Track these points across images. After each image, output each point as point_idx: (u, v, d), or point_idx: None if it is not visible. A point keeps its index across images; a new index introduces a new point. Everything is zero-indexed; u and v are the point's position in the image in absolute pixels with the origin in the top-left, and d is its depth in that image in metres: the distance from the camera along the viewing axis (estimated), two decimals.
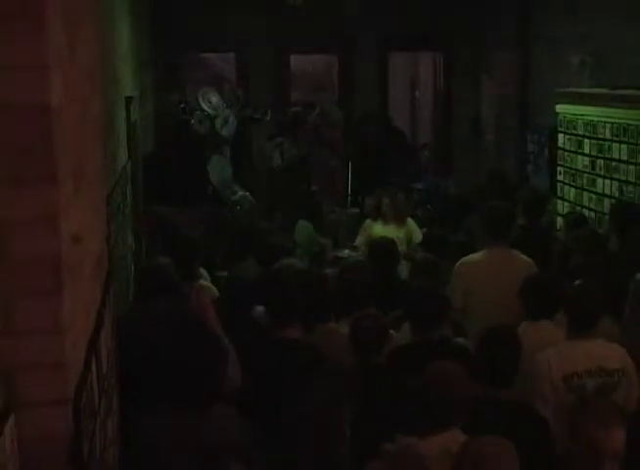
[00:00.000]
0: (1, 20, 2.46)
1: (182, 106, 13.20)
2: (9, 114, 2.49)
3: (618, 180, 9.57)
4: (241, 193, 12.15)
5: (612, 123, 9.72)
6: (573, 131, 10.73)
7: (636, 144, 9.19)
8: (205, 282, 6.89)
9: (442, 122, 17.02)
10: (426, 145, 16.82)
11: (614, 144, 9.68)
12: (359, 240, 10.04)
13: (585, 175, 10.42)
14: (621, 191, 9.49)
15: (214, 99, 13.12)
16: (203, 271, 7.10)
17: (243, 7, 13.87)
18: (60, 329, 2.61)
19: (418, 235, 9.90)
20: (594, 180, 10.17)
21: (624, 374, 5.02)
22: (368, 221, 10.52)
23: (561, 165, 11.16)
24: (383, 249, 7.42)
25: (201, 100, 13.03)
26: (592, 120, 10.19)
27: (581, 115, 10.50)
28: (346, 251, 9.94)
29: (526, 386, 5.07)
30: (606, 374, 5.02)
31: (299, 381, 4.21)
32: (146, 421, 4.18)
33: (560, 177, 11.18)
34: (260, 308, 6.20)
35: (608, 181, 9.83)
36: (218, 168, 12.90)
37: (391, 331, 5.69)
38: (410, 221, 10.36)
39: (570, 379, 5.07)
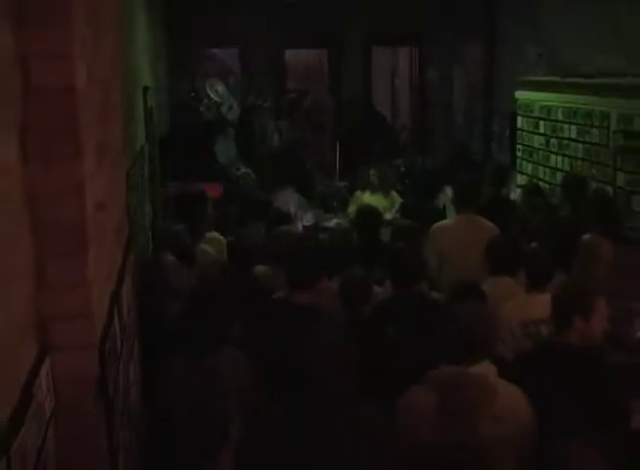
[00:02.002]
0: (33, 14, 2.43)
1: (192, 94, 13.15)
2: (39, 97, 2.47)
3: (569, 156, 9.58)
4: (244, 170, 12.12)
5: (563, 107, 9.72)
6: (531, 114, 10.73)
7: (584, 125, 9.18)
8: (215, 233, 6.88)
9: (418, 107, 17.01)
10: (405, 127, 16.77)
11: (565, 125, 9.69)
12: (351, 208, 10.01)
13: (541, 152, 10.42)
14: (571, 166, 9.50)
15: (220, 88, 13.08)
16: (216, 234, 7.05)
17: (244, 8, 13.80)
18: (85, 284, 2.61)
19: (399, 204, 9.90)
20: (548, 156, 10.18)
21: None
22: (358, 192, 10.51)
23: (520, 144, 11.16)
24: (367, 216, 7.40)
25: (208, 89, 12.98)
26: (546, 105, 10.19)
27: (537, 100, 10.49)
28: (335, 219, 9.93)
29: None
30: None
31: (303, 331, 4.20)
32: (163, 365, 4.18)
33: (519, 154, 11.18)
34: (261, 268, 6.20)
35: (560, 157, 9.84)
36: (224, 149, 12.87)
37: (376, 287, 5.69)
38: (394, 192, 10.36)
39: (526, 326, 5.08)
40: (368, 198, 10.00)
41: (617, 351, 4.68)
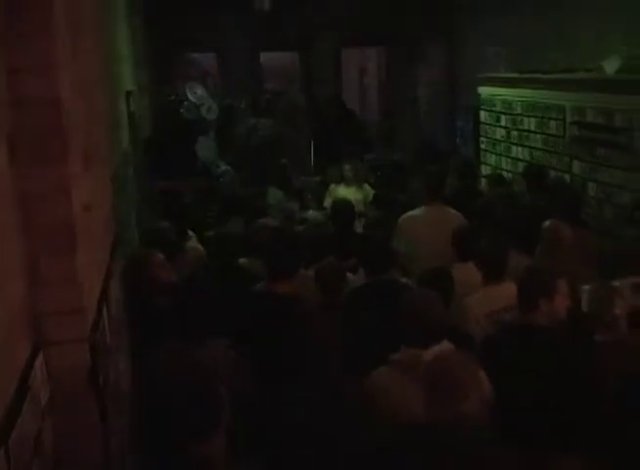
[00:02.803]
0: (18, 29, 2.44)
1: (173, 97, 13.11)
2: (26, 106, 2.48)
3: (529, 147, 9.64)
4: (224, 167, 12.11)
5: (522, 101, 9.77)
6: (492, 108, 10.78)
7: (542, 117, 9.24)
8: (194, 243, 6.86)
9: (386, 104, 17.03)
10: (374, 123, 16.78)
11: (525, 118, 9.75)
12: (327, 201, 9.99)
13: (502, 144, 10.48)
14: (531, 156, 9.56)
15: (199, 91, 13.03)
16: (190, 233, 7.06)
17: (221, 15, 13.77)
18: (75, 281, 2.62)
19: (372, 196, 9.91)
20: (509, 147, 10.23)
21: None
22: (332, 186, 10.50)
23: (483, 136, 11.21)
24: (342, 209, 7.41)
25: (188, 92, 12.93)
26: (507, 99, 10.24)
27: (498, 95, 10.54)
28: (311, 211, 9.93)
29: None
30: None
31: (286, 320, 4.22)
32: (151, 354, 4.19)
33: (482, 146, 11.23)
34: (243, 261, 6.20)
35: (520, 148, 9.90)
36: (205, 148, 12.84)
37: (349, 275, 5.71)
38: (366, 185, 10.36)
39: (490, 316, 5.11)
40: (342, 191, 9.99)
41: (597, 328, 4.70)
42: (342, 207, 7.47)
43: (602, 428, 3.82)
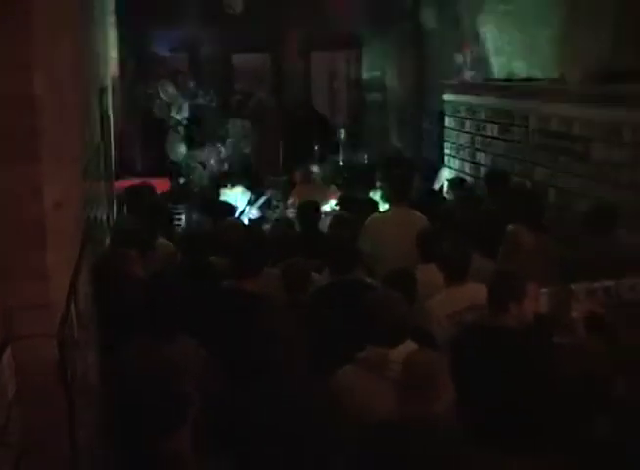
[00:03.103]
0: None
1: (145, 95, 13.07)
2: (2, 103, 2.46)
3: (492, 153, 9.69)
4: (192, 165, 12.09)
5: (486, 108, 9.83)
6: (457, 114, 10.83)
7: (505, 124, 9.30)
8: (164, 239, 6.81)
9: (355, 107, 17.06)
10: (343, 126, 16.82)
11: (488, 124, 9.80)
12: (290, 201, 9.98)
13: (466, 149, 10.53)
14: (494, 161, 9.62)
15: (171, 90, 13.02)
16: (165, 241, 7.01)
17: (194, 16, 13.72)
18: (44, 277, 2.60)
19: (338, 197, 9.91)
20: (473, 153, 10.29)
21: None
22: (297, 186, 10.49)
23: (447, 141, 11.27)
24: (307, 210, 7.42)
25: (160, 91, 12.91)
26: (471, 106, 10.29)
27: (463, 101, 10.60)
28: (278, 210, 9.93)
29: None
30: (480, 308, 5.09)
31: (251, 316, 4.21)
32: (121, 350, 4.17)
33: (447, 151, 11.28)
34: (212, 258, 6.19)
35: (483, 154, 9.95)
36: (175, 145, 12.82)
37: (315, 274, 5.72)
38: (333, 186, 10.37)
39: (452, 317, 5.14)
40: (308, 191, 9.99)
41: (556, 330, 4.76)
42: (308, 207, 7.48)
43: (562, 428, 3.86)
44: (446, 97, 11.19)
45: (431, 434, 3.27)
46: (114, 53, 11.50)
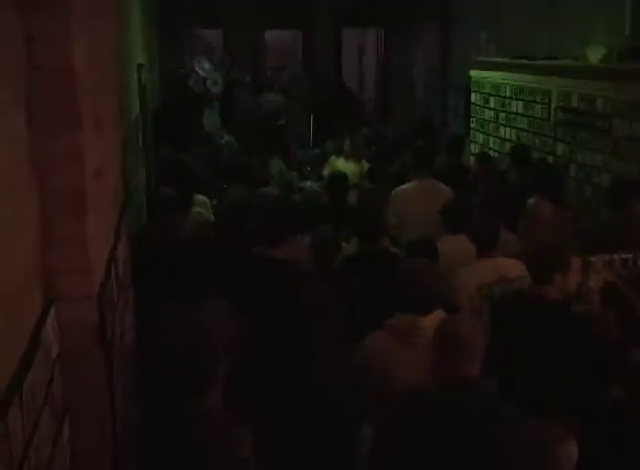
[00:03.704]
0: (41, 2, 2.42)
1: (181, 70, 13.06)
2: (43, 74, 2.46)
3: (516, 128, 9.61)
4: (227, 137, 12.08)
5: (510, 85, 9.73)
6: (482, 90, 10.73)
7: (529, 101, 9.21)
8: (198, 208, 6.81)
9: (382, 83, 16.97)
10: (370, 99, 16.77)
11: (512, 100, 9.71)
12: (326, 172, 9.96)
13: (491, 124, 10.44)
14: (518, 136, 9.54)
15: (206, 65, 12.98)
16: (203, 198, 7.01)
17: None
18: (86, 242, 2.61)
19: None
20: (498, 128, 10.20)
21: (522, 279, 5.03)
22: (332, 158, 10.45)
23: (473, 117, 11.17)
24: (336, 181, 7.40)
25: (196, 66, 12.89)
26: (496, 82, 10.19)
27: (488, 78, 10.49)
28: (309, 182, 9.90)
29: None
30: (508, 282, 5.06)
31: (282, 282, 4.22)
32: (155, 313, 4.20)
33: (472, 125, 11.19)
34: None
35: (508, 129, 9.87)
36: (210, 119, 12.82)
37: (343, 243, 5.71)
38: (363, 159, 10.34)
39: (481, 288, 5.11)
40: (342, 163, 9.96)
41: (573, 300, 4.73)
42: (337, 179, 7.47)
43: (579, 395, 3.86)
44: (472, 73, 11.08)
45: (473, 396, 3.28)
46: (152, 30, 11.49)
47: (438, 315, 3.87)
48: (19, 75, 2.34)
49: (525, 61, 9.37)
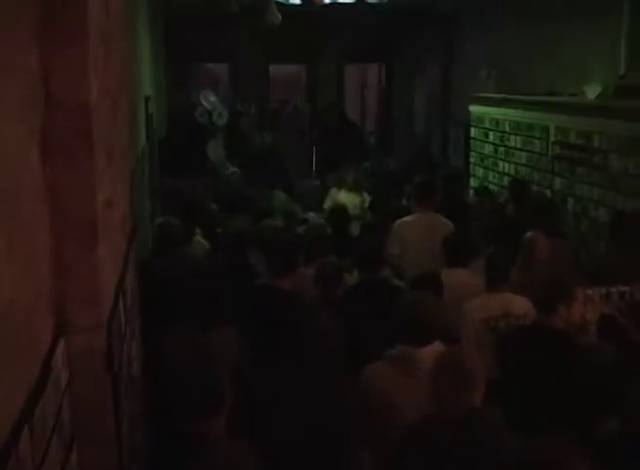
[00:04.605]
0: (55, 36, 2.44)
1: (188, 103, 13.15)
2: (57, 108, 2.48)
3: (514, 163, 9.65)
4: (231, 169, 12.12)
5: (509, 120, 9.78)
6: (482, 125, 10.79)
7: (527, 136, 9.26)
8: (199, 238, 6.84)
9: (384, 116, 17.05)
10: (372, 132, 16.83)
11: (511, 136, 9.75)
12: (327, 204, 9.98)
13: (490, 158, 10.49)
14: (516, 171, 9.57)
15: (212, 98, 13.07)
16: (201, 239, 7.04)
17: (234, 28, 13.72)
18: (96, 272, 2.61)
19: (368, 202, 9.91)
20: (497, 162, 10.25)
21: (527, 316, 5.05)
22: (333, 190, 10.48)
23: (472, 151, 11.22)
24: (338, 213, 7.44)
25: (202, 98, 12.97)
26: (495, 118, 10.25)
27: (487, 113, 10.55)
28: (311, 213, 9.92)
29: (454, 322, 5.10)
30: (514, 318, 5.08)
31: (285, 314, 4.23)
32: (162, 341, 4.19)
33: (472, 160, 11.24)
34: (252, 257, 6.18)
35: (507, 163, 9.91)
36: (215, 150, 12.87)
37: (345, 274, 5.71)
38: (364, 191, 10.37)
39: (486, 321, 5.11)
40: (342, 195, 9.99)
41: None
42: (339, 211, 7.50)
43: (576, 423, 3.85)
44: (472, 108, 11.15)
45: (477, 424, 3.28)
46: (159, 63, 11.57)
47: (436, 347, 3.89)
48: (34, 109, 2.36)
49: (523, 97, 9.44)
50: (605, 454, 3.61)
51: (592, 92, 7.87)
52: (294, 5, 11.05)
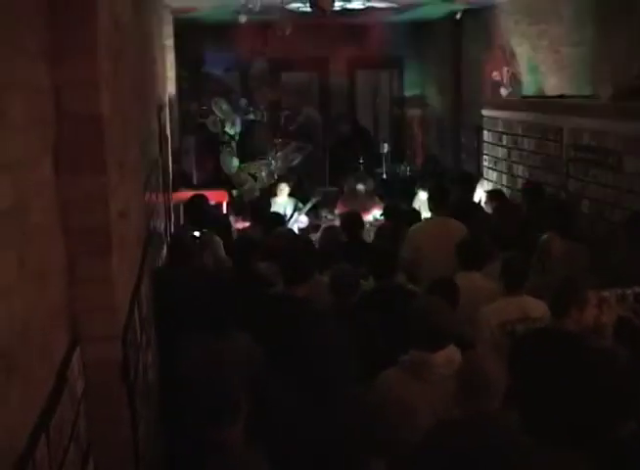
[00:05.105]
0: (65, 51, 2.48)
1: (200, 112, 13.19)
2: (70, 121, 2.52)
3: (528, 166, 9.62)
4: (244, 177, 12.16)
5: (522, 123, 9.76)
6: (495, 129, 10.76)
7: (540, 138, 9.23)
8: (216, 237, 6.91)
9: (397, 122, 17.05)
10: (385, 138, 16.84)
11: (524, 138, 9.73)
12: (338, 211, 9.99)
13: (504, 162, 10.46)
14: (530, 174, 9.55)
15: (224, 106, 13.10)
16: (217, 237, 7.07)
17: (245, 38, 13.77)
18: (110, 282, 2.64)
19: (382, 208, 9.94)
20: (510, 166, 10.21)
21: (543, 320, 5.03)
22: (345, 198, 10.50)
23: (486, 154, 11.20)
24: (352, 220, 7.44)
25: (214, 107, 13.01)
26: (508, 121, 10.23)
27: (500, 116, 10.53)
28: (325, 220, 9.95)
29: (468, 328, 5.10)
30: (531, 321, 5.06)
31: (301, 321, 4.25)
32: (178, 349, 4.22)
33: (485, 163, 11.21)
34: (262, 265, 6.21)
35: (520, 166, 9.88)
36: (228, 159, 12.91)
37: (362, 280, 5.71)
38: (377, 197, 10.38)
39: (503, 326, 5.10)
40: (354, 203, 9.99)
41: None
42: (351, 218, 7.51)
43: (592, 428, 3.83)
44: (484, 112, 11.13)
45: (493, 428, 3.30)
46: (171, 73, 11.63)
47: (450, 351, 3.90)
48: (47, 123, 2.40)
49: (536, 99, 9.42)
50: (620, 459, 3.60)
51: (605, 93, 7.84)
52: (304, 12, 11.06)
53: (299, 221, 9.79)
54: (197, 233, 6.71)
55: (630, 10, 7.89)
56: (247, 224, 8.59)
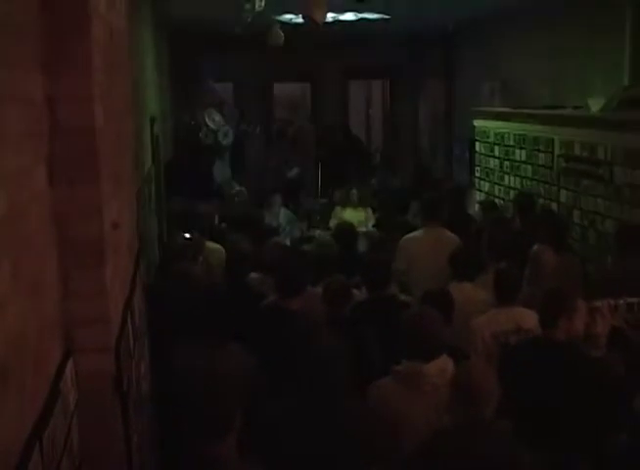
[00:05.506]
0: (58, 63, 2.48)
1: (192, 123, 13.19)
2: (63, 133, 2.52)
3: (520, 176, 9.65)
4: (237, 188, 12.16)
5: (514, 134, 9.80)
6: (486, 139, 10.80)
7: (532, 149, 9.26)
8: (215, 244, 6.89)
9: (389, 132, 17.10)
10: (377, 150, 16.87)
11: (516, 149, 9.76)
12: (332, 222, 10.03)
13: (496, 173, 10.49)
14: (522, 184, 9.58)
15: (217, 118, 13.11)
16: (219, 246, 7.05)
17: (237, 48, 13.79)
18: (103, 293, 2.64)
19: (375, 219, 9.95)
20: (502, 176, 10.24)
21: (535, 331, 5.04)
22: (338, 208, 10.54)
23: (478, 165, 11.23)
24: (345, 231, 7.45)
25: (206, 118, 13.02)
26: (500, 132, 10.26)
27: (492, 127, 10.57)
28: (318, 231, 9.96)
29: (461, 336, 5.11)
30: (524, 332, 5.08)
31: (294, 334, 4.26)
32: (171, 360, 4.21)
33: (477, 174, 11.24)
34: (254, 275, 6.21)
35: (512, 177, 9.91)
36: (220, 170, 12.92)
37: (354, 291, 5.72)
38: (369, 208, 10.42)
39: (497, 336, 5.12)
40: (348, 213, 10.03)
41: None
42: (345, 228, 7.52)
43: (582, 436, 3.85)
44: (476, 123, 11.18)
45: (490, 437, 3.31)
46: (165, 83, 11.64)
47: (443, 361, 3.92)
48: (41, 135, 2.40)
49: (527, 111, 9.46)
50: (613, 468, 3.62)
51: (596, 105, 7.88)
52: (297, 24, 11.09)
53: (292, 232, 9.80)
54: (187, 235, 6.68)
55: (619, 21, 7.95)
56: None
